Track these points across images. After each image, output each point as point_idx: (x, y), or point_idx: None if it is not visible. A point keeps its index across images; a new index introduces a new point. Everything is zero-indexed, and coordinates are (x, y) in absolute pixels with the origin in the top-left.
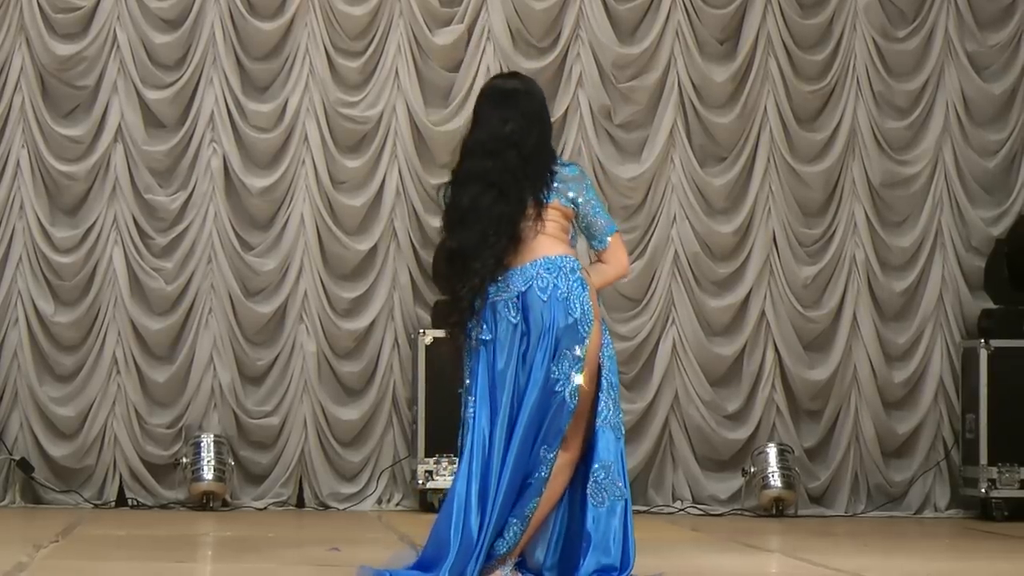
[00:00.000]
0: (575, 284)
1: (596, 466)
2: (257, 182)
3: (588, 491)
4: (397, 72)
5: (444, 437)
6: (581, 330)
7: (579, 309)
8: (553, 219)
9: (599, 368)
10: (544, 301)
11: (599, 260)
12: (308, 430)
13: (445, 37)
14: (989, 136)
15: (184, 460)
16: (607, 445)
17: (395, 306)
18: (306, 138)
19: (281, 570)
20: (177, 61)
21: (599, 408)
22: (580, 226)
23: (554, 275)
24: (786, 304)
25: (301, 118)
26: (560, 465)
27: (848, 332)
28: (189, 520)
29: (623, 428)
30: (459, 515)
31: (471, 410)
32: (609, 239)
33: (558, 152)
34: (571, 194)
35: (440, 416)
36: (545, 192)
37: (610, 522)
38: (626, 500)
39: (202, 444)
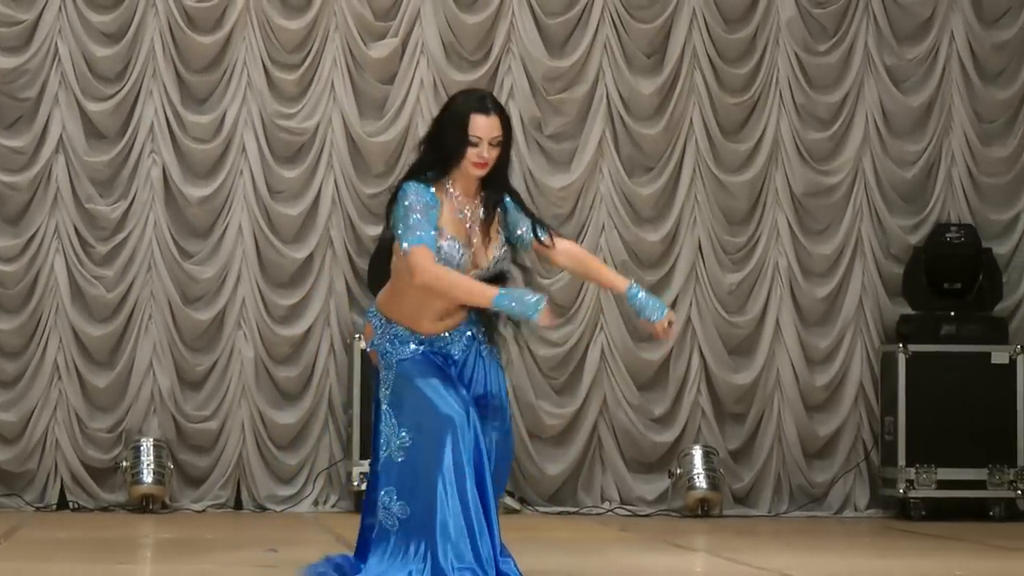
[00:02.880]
0: None
1: None
2: (196, 192)
3: None
4: (333, 84)
5: None
6: None
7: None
8: None
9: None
10: None
11: None
12: (246, 434)
13: (380, 50)
14: (907, 147)
15: (124, 464)
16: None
17: (331, 313)
18: (244, 149)
19: (220, 571)
20: (117, 74)
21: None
22: None
23: None
24: (711, 310)
25: (239, 129)
26: None
27: (771, 337)
28: (129, 522)
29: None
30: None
31: None
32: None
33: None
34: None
35: None
36: None
37: None
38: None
39: (142, 448)
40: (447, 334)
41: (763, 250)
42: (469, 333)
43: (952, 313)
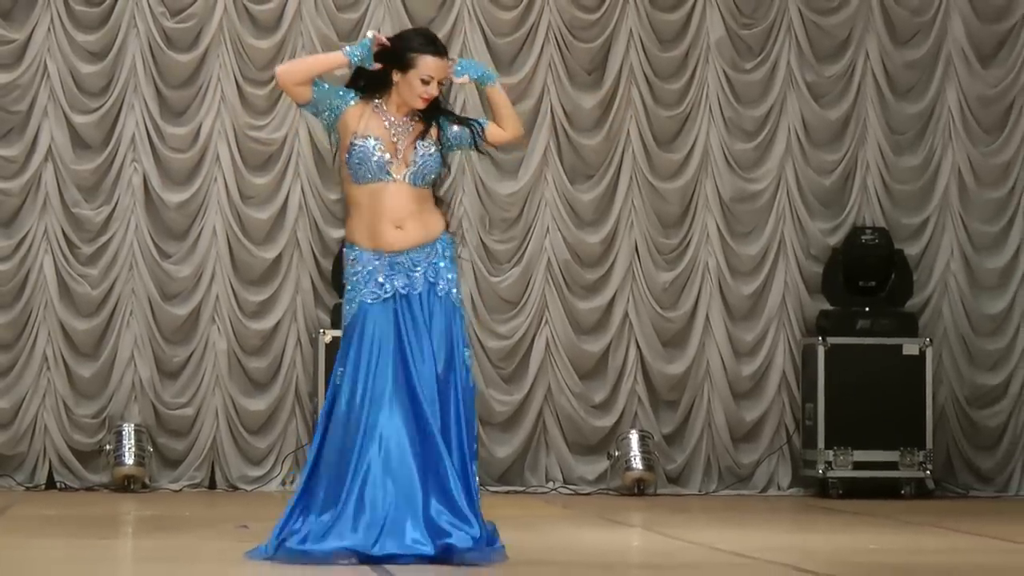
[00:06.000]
0: None
1: None
2: (174, 197)
3: None
4: None
5: None
6: None
7: None
8: None
9: None
10: None
11: None
12: (220, 420)
13: (343, 68)
14: (826, 156)
15: (108, 447)
16: None
17: (298, 308)
18: (218, 158)
19: (196, 545)
20: (102, 89)
21: None
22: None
23: None
24: (647, 306)
25: (213, 140)
26: None
27: (702, 331)
28: (112, 501)
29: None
30: None
31: None
32: None
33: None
34: None
35: None
36: None
37: None
38: None
39: (124, 432)
40: (408, 256)
41: (694, 251)
42: (424, 272)
43: (867, 309)
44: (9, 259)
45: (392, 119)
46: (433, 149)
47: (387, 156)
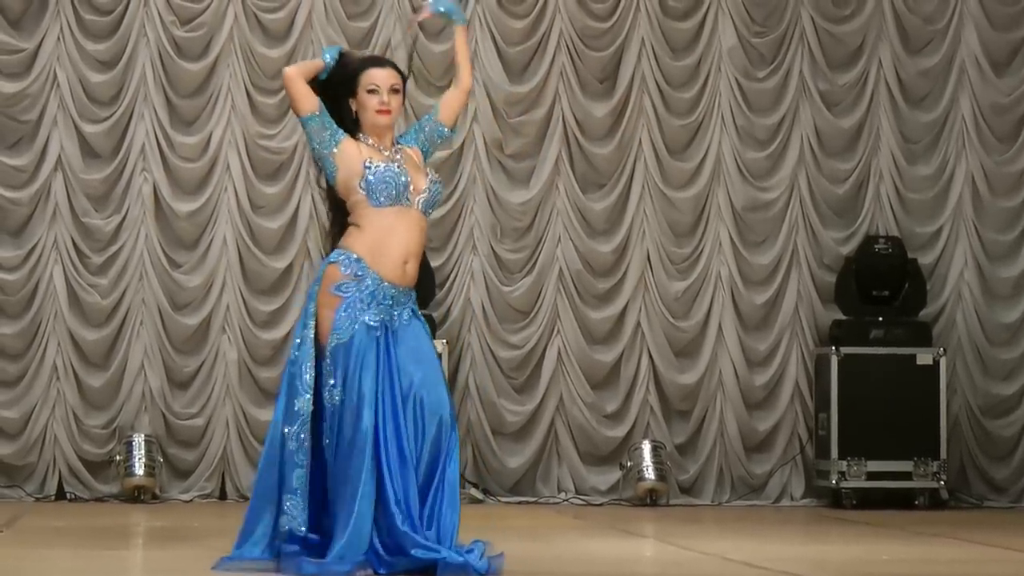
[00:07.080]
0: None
1: None
2: (184, 207)
3: None
4: None
5: None
6: None
7: None
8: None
9: None
10: None
11: None
12: (230, 430)
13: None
14: (839, 165)
15: (118, 457)
16: None
17: None
18: (228, 167)
19: (206, 556)
20: (112, 98)
21: None
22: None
23: None
24: (659, 315)
25: (224, 149)
26: None
27: (714, 340)
28: (122, 512)
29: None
30: None
31: None
32: None
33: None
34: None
35: None
36: None
37: None
38: None
39: (134, 443)
40: (399, 292)
41: (706, 260)
42: (399, 314)
43: (880, 318)
44: (19, 269)
45: (385, 150)
46: (438, 177)
47: (408, 180)
